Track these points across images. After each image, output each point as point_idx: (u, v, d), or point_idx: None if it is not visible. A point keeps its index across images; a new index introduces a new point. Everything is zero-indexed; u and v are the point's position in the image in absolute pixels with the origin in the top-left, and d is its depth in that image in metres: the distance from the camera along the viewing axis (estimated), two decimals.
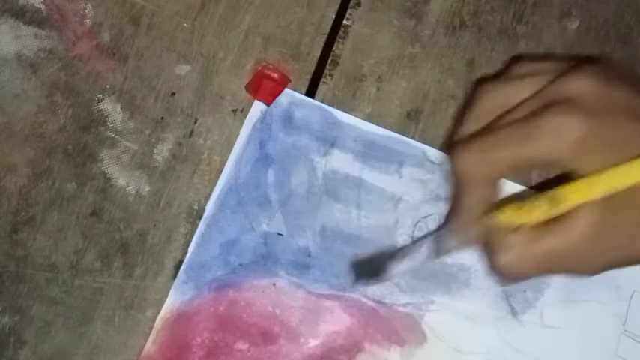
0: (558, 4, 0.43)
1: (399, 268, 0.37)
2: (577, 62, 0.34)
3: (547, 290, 0.40)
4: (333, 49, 0.43)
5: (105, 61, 0.42)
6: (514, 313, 0.40)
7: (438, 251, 0.36)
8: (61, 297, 0.40)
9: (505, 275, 0.34)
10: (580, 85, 0.32)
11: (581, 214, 0.32)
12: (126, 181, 0.41)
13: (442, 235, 0.36)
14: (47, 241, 0.41)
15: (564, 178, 0.32)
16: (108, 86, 0.42)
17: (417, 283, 0.40)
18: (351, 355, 0.40)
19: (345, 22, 0.43)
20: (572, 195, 0.32)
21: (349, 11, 0.43)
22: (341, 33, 0.43)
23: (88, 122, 0.42)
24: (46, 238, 0.41)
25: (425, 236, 0.40)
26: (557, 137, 0.31)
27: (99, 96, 0.42)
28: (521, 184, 0.41)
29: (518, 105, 0.34)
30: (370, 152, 0.41)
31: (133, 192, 0.41)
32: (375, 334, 0.40)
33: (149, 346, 0.39)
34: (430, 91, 0.42)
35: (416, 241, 0.40)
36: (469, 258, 0.40)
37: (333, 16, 0.43)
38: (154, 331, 0.40)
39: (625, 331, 0.40)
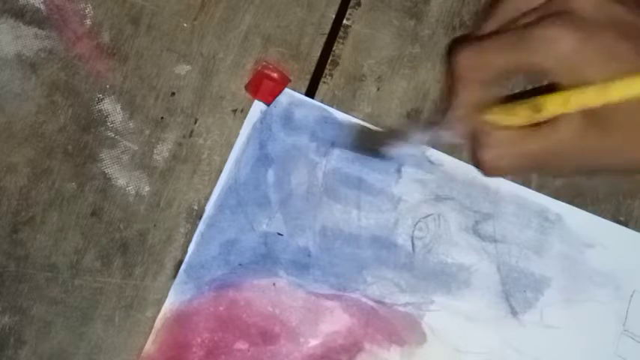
0: None
1: (395, 150, 0.40)
2: None
3: (547, 290, 0.40)
4: (333, 49, 0.43)
5: (105, 61, 0.42)
6: (514, 313, 0.40)
7: (434, 141, 0.39)
8: (61, 297, 0.40)
9: (486, 170, 0.36)
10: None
11: (561, 122, 0.34)
12: (126, 181, 0.41)
13: (435, 128, 0.38)
14: (47, 241, 0.41)
15: (551, 88, 0.34)
16: (108, 86, 0.42)
17: (417, 283, 0.40)
18: (351, 355, 0.40)
19: (345, 22, 0.43)
20: (552, 103, 0.34)
21: (349, 11, 0.43)
22: (341, 33, 0.43)
23: (88, 122, 0.42)
24: (46, 238, 0.41)
25: (421, 124, 0.41)
26: (548, 48, 0.33)
27: (99, 96, 0.42)
28: (520, 183, 0.41)
29: (527, 13, 0.35)
30: None
31: (133, 192, 0.41)
32: (375, 334, 0.40)
33: (149, 346, 0.39)
34: (430, 91, 0.42)
35: (412, 126, 0.41)
36: (469, 258, 0.40)
37: (333, 16, 0.43)
38: (154, 331, 0.40)
39: (625, 331, 0.40)
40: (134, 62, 0.42)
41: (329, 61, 0.43)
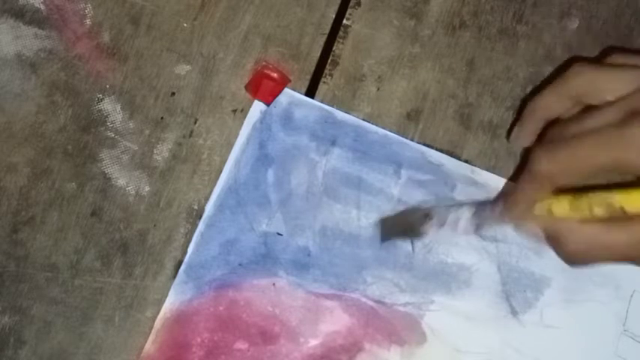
0: (558, 4, 0.43)
1: (435, 232, 0.39)
2: None
3: (547, 290, 0.40)
4: (333, 49, 0.43)
5: (105, 61, 0.42)
6: (514, 313, 0.40)
7: (479, 226, 0.38)
8: (61, 297, 0.40)
9: (574, 262, 0.36)
10: None
11: None
12: (126, 181, 0.41)
13: (488, 211, 0.37)
14: (47, 241, 0.41)
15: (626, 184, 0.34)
16: (108, 86, 0.42)
17: (417, 283, 0.40)
18: (351, 355, 0.40)
19: (345, 22, 0.43)
20: (636, 202, 0.33)
21: (349, 11, 0.43)
22: (341, 33, 0.43)
23: (88, 122, 0.42)
24: (46, 238, 0.41)
25: (463, 204, 0.40)
26: None
27: (99, 96, 0.42)
28: None
29: (604, 108, 0.34)
30: (370, 152, 0.41)
31: (133, 192, 0.41)
32: (375, 334, 0.40)
33: (149, 346, 0.39)
34: (430, 91, 0.42)
35: (453, 207, 0.39)
36: (469, 258, 0.40)
37: (333, 16, 0.43)
38: (153, 331, 0.40)
39: (625, 331, 0.40)
40: (134, 62, 0.42)
41: (329, 61, 0.43)
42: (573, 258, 0.35)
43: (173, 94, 0.42)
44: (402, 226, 0.40)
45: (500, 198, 0.39)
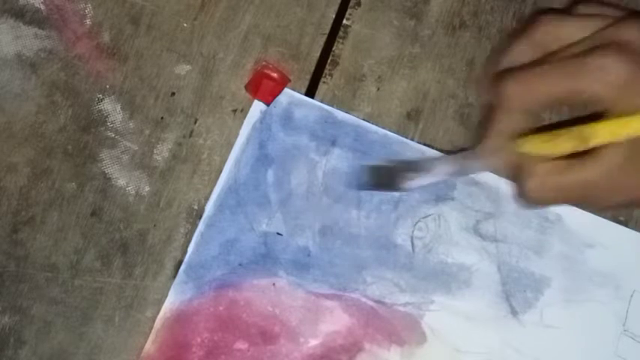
0: (558, 4, 0.43)
1: (416, 182, 0.38)
2: (636, 12, 0.35)
3: (547, 290, 0.40)
4: (333, 49, 0.43)
5: (105, 61, 0.42)
6: (514, 313, 0.40)
7: (461, 171, 0.38)
8: (61, 297, 0.40)
9: (529, 201, 0.36)
10: (632, 32, 0.34)
11: (607, 152, 0.33)
12: (126, 181, 0.41)
13: (468, 155, 0.37)
14: (47, 241, 0.41)
15: (594, 118, 0.34)
16: (108, 86, 0.42)
17: (417, 283, 0.40)
18: (351, 355, 0.40)
19: (345, 22, 0.43)
20: (602, 132, 0.33)
21: (349, 11, 0.43)
22: (341, 33, 0.43)
23: (88, 122, 0.42)
24: (46, 238, 0.41)
25: (447, 153, 0.40)
26: (601, 76, 0.33)
27: (99, 96, 0.42)
28: None
29: (570, 45, 0.35)
30: (370, 152, 0.41)
31: (133, 192, 0.41)
32: (375, 334, 0.40)
33: (149, 346, 0.39)
34: (430, 91, 0.42)
35: (437, 157, 0.40)
36: (469, 258, 0.40)
37: (333, 16, 0.43)
38: (153, 331, 0.40)
39: (625, 331, 0.40)
40: (134, 62, 0.42)
41: (329, 61, 0.43)
42: (530, 194, 0.35)
43: (173, 94, 0.42)
44: (386, 177, 0.40)
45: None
